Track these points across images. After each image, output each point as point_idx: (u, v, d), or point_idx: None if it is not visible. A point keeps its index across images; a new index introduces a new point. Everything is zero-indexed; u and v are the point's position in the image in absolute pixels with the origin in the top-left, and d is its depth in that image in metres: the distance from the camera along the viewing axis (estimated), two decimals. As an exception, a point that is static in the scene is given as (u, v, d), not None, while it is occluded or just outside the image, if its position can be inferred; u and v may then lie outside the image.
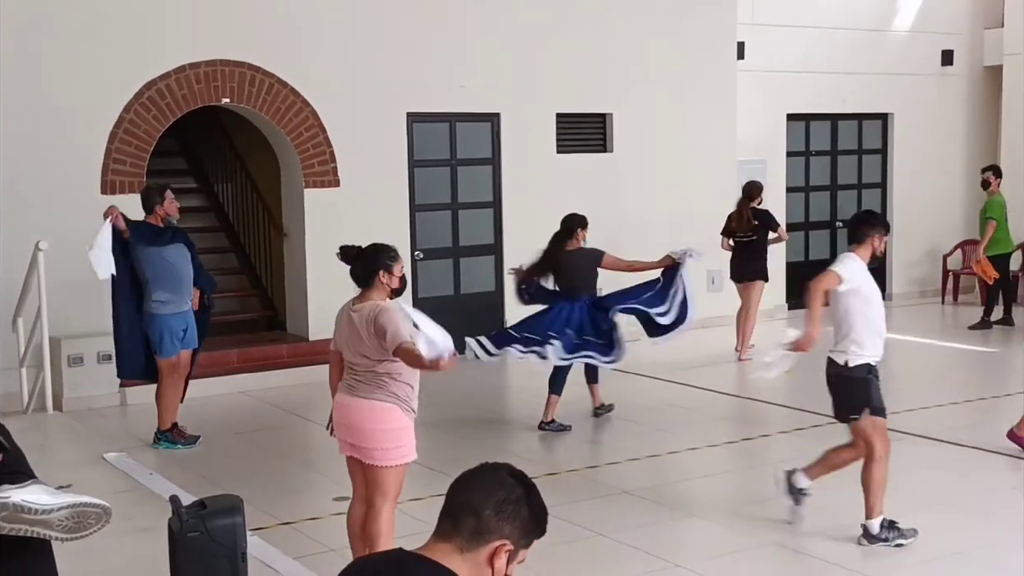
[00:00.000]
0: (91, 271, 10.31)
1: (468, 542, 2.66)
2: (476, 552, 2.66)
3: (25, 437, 5.38)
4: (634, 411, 9.76)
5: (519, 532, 2.69)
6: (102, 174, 10.57)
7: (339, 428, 5.73)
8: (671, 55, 13.71)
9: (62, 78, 10.40)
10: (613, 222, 13.28)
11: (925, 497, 7.28)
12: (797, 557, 6.38)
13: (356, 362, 5.63)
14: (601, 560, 6.32)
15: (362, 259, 5.71)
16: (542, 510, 2.76)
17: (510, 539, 2.67)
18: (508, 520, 2.67)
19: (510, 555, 2.68)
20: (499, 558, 2.66)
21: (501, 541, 2.66)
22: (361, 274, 5.69)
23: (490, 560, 2.66)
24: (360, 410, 5.58)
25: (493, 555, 2.66)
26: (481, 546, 2.66)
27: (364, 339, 5.55)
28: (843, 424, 6.63)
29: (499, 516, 2.67)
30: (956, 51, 16.53)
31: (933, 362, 12.34)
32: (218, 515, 4.71)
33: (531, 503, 2.72)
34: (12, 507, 3.98)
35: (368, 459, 5.58)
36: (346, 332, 5.68)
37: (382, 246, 5.77)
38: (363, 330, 5.55)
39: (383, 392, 5.56)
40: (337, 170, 11.74)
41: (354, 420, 5.60)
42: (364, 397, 5.57)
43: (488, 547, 2.66)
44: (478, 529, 2.66)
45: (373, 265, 5.67)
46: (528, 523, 2.71)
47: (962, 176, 16.87)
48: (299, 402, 10.36)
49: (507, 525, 2.67)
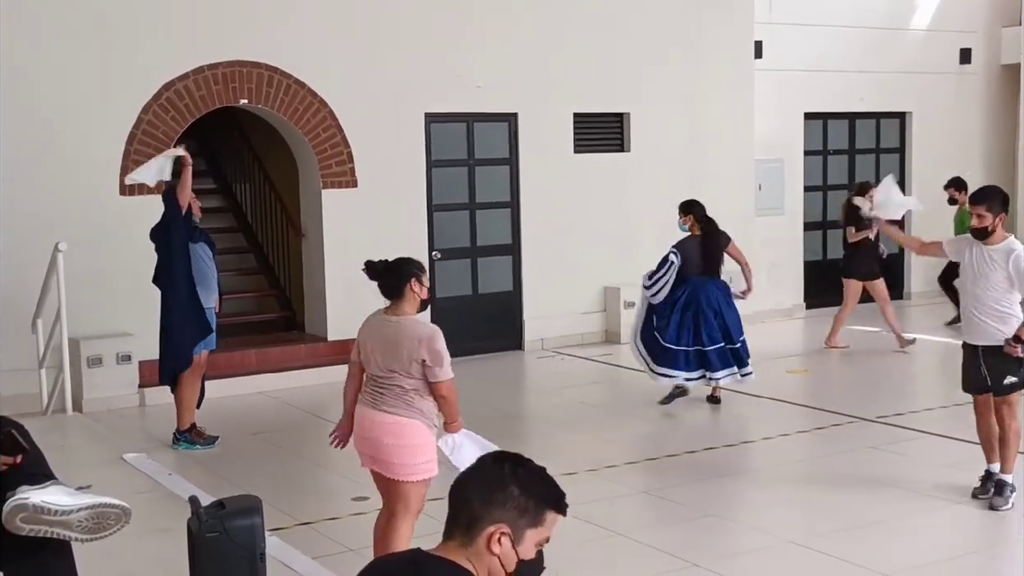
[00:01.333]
0: (109, 272, 10.41)
1: (466, 536, 2.67)
2: (475, 544, 2.66)
3: (45, 438, 5.41)
4: (648, 410, 9.74)
5: (513, 513, 2.66)
6: (121, 175, 10.60)
7: (360, 441, 5.65)
8: (688, 54, 13.68)
9: (80, 80, 10.44)
10: (630, 222, 13.29)
11: (943, 495, 7.25)
12: (817, 556, 6.36)
13: (382, 375, 5.52)
14: (619, 559, 6.32)
15: (391, 271, 5.63)
16: (537, 484, 2.71)
17: (504, 522, 2.65)
18: (497, 505, 2.65)
19: (512, 538, 2.65)
20: (497, 544, 2.65)
21: (494, 527, 2.64)
22: (392, 284, 5.59)
23: (488, 548, 2.65)
24: (384, 424, 5.49)
25: (489, 542, 2.65)
26: (476, 537, 2.65)
27: (402, 355, 5.44)
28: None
29: (486, 503, 2.66)
30: (974, 49, 16.46)
31: (953, 361, 12.24)
32: (237, 516, 4.73)
33: (519, 481, 2.68)
34: (32, 508, 4.00)
35: (390, 473, 5.53)
36: (378, 343, 5.54)
37: (408, 258, 5.72)
38: (405, 345, 5.43)
39: (409, 408, 5.48)
40: (355, 170, 11.76)
41: (377, 434, 5.52)
42: (388, 412, 5.49)
43: (483, 536, 2.65)
44: (470, 521, 2.66)
45: (403, 274, 5.59)
46: (521, 500, 2.67)
47: (980, 175, 16.78)
48: (317, 402, 10.38)
49: (496, 510, 2.65)
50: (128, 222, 10.59)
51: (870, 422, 9.23)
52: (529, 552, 2.70)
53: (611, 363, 12.08)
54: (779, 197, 14.97)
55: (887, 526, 6.79)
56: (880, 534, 6.63)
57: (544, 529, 2.71)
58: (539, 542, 2.72)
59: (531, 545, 2.70)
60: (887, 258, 12.99)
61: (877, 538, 6.55)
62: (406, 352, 5.42)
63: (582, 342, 12.97)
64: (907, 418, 9.38)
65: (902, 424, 9.18)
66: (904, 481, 7.68)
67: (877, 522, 6.82)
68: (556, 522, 2.74)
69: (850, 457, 8.31)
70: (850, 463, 8.15)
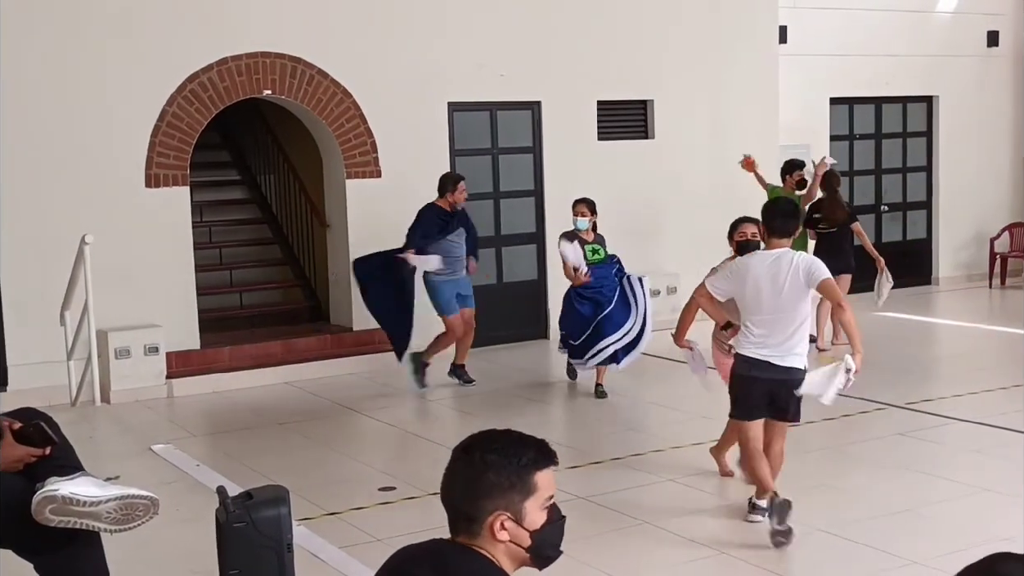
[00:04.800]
0: (135, 264, 10.52)
1: (469, 534, 2.63)
2: (482, 537, 2.62)
3: (73, 429, 5.45)
4: (674, 399, 9.72)
5: (503, 497, 2.61)
6: (146, 167, 10.65)
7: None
8: (712, 40, 13.62)
9: (105, 72, 10.47)
10: (654, 209, 13.25)
11: (972, 482, 7.21)
12: (843, 544, 6.34)
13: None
14: (644, 547, 6.32)
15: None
16: (508, 458, 2.61)
17: (498, 508, 2.61)
18: (483, 497, 2.60)
19: (513, 518, 2.61)
20: (502, 531, 2.61)
21: (492, 516, 2.61)
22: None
23: (495, 537, 2.61)
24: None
25: (494, 532, 2.61)
26: (481, 532, 2.62)
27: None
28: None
29: (472, 500, 2.61)
30: (1001, 32, 16.32)
31: (981, 347, 12.20)
32: (264, 506, 4.73)
33: (490, 467, 2.60)
34: (61, 499, 4.03)
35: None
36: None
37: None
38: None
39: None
40: (379, 160, 11.77)
41: None
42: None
43: (485, 529, 2.61)
44: (468, 522, 2.62)
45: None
46: (502, 481, 2.60)
47: (1009, 158, 16.68)
48: (343, 392, 10.41)
49: (484, 502, 2.60)
50: (153, 214, 10.66)
51: (898, 408, 9.19)
52: (538, 520, 2.65)
53: (637, 351, 12.03)
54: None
55: (915, 513, 6.75)
56: (907, 521, 6.59)
57: (542, 491, 2.65)
58: (544, 504, 2.66)
59: (537, 513, 2.65)
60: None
61: (904, 525, 6.52)
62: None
63: (607, 330, 12.92)
64: (935, 404, 9.33)
65: (930, 411, 9.12)
66: (932, 468, 7.64)
67: (905, 510, 6.78)
68: (550, 476, 2.67)
69: (878, 443, 8.27)
70: (877, 450, 8.11)
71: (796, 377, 6.22)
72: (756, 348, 6.27)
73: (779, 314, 6.20)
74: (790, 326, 6.22)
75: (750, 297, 6.30)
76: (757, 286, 6.25)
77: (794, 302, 6.20)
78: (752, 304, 6.30)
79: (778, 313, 6.20)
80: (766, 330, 6.24)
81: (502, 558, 2.64)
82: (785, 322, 6.21)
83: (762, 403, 6.36)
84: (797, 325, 6.23)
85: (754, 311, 6.29)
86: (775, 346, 6.24)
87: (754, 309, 6.29)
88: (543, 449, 2.68)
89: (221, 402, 10.25)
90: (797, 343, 6.26)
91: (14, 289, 10.18)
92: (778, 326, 6.22)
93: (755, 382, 6.31)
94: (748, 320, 6.33)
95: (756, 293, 6.25)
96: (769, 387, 6.30)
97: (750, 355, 6.29)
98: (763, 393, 6.32)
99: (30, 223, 10.18)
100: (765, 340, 6.24)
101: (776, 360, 6.24)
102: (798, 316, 6.23)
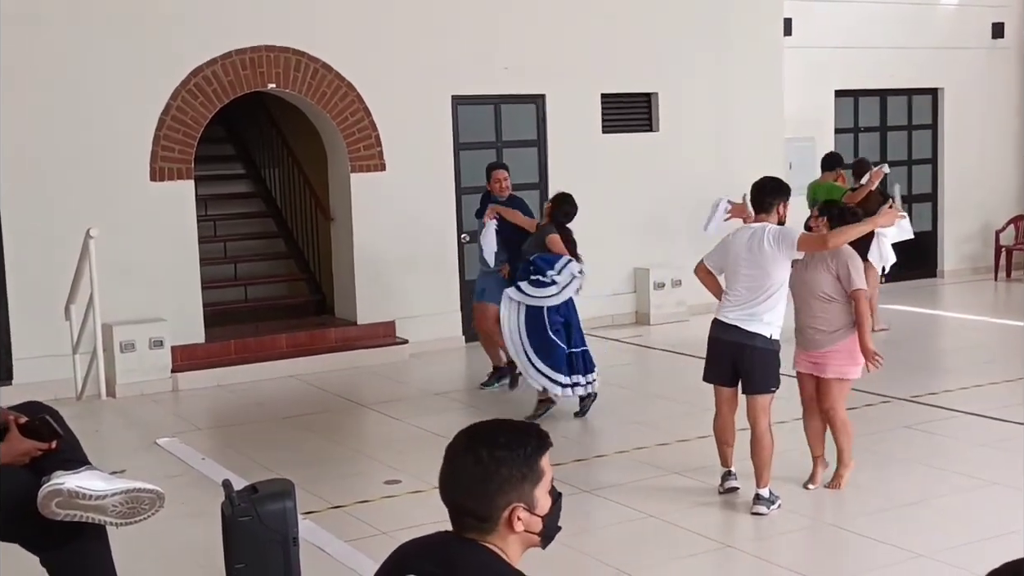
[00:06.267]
0: (140, 257, 10.55)
1: (481, 531, 2.60)
2: (496, 532, 2.59)
3: (79, 423, 5.44)
4: (679, 391, 9.71)
5: (516, 489, 2.57)
6: (151, 161, 10.64)
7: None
8: (717, 33, 13.59)
9: (109, 65, 10.47)
10: (659, 202, 13.24)
11: (979, 475, 7.20)
12: (851, 537, 6.33)
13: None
14: (649, 541, 6.31)
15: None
16: (516, 449, 2.57)
17: (512, 502, 2.57)
18: (496, 494, 2.56)
19: (528, 505, 2.58)
20: (518, 522, 2.58)
21: (507, 510, 2.57)
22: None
23: (512, 529, 2.58)
24: None
25: (511, 524, 2.58)
26: (495, 527, 2.58)
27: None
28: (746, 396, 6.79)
29: (485, 499, 2.56)
30: (1007, 23, 16.27)
31: (987, 339, 12.19)
32: (269, 499, 4.73)
33: (501, 462, 2.56)
34: (67, 493, 4.02)
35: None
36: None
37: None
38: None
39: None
40: (383, 154, 11.76)
41: None
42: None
43: (501, 523, 2.58)
44: (479, 519, 2.58)
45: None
46: (515, 474, 2.57)
47: (1014, 150, 16.65)
48: (348, 386, 10.41)
49: (499, 498, 2.56)
50: (159, 207, 10.66)
51: (904, 402, 9.17)
52: (546, 504, 2.63)
53: (642, 344, 12.06)
54: (810, 176, 14.82)
55: (923, 506, 6.75)
56: (914, 514, 6.59)
57: (547, 475, 2.63)
58: (548, 488, 2.65)
59: (545, 499, 2.63)
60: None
61: (911, 519, 6.51)
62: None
63: (613, 323, 12.94)
64: (941, 397, 9.32)
65: (936, 404, 9.11)
66: (938, 461, 7.63)
67: (912, 503, 6.78)
68: (548, 458, 2.65)
69: (884, 437, 8.26)
70: (884, 443, 8.10)
71: (757, 344, 6.55)
72: (726, 311, 6.69)
73: (752, 282, 6.57)
74: (761, 294, 6.57)
75: (730, 267, 6.74)
76: (736, 256, 6.67)
77: (766, 269, 6.54)
78: (731, 274, 6.73)
79: (751, 282, 6.58)
80: (739, 296, 6.63)
81: (513, 547, 2.62)
82: (756, 289, 6.56)
83: (726, 367, 6.72)
84: (769, 294, 6.57)
85: (732, 280, 6.72)
86: (743, 310, 6.60)
87: (732, 278, 6.72)
88: (539, 433, 2.66)
89: (226, 396, 10.25)
90: (766, 311, 6.58)
91: (19, 283, 10.19)
92: (749, 294, 6.59)
93: (718, 343, 6.72)
94: (727, 288, 6.76)
95: (735, 262, 6.68)
96: (731, 350, 6.65)
97: (720, 318, 6.72)
98: (726, 355, 6.69)
99: (35, 217, 10.18)
100: (736, 305, 6.63)
101: (742, 324, 6.59)
102: (770, 284, 6.56)
